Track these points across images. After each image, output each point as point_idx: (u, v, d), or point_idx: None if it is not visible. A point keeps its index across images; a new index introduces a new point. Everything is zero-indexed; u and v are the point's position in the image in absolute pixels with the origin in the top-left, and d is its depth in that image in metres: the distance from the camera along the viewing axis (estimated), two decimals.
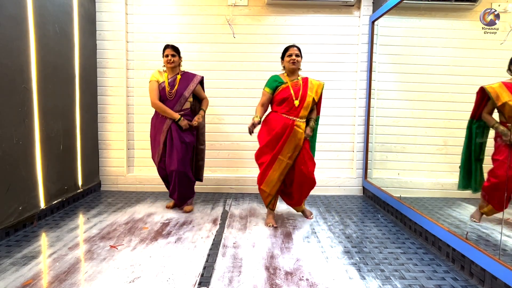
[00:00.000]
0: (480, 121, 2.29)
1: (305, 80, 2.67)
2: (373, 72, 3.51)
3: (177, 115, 2.82)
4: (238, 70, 3.71)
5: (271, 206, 2.72)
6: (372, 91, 3.51)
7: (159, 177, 3.06)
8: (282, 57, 2.68)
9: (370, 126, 3.54)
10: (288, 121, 2.58)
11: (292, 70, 2.63)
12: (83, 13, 3.34)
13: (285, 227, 2.65)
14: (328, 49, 3.69)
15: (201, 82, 3.03)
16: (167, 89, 2.85)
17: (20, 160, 2.46)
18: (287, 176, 2.65)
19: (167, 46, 2.86)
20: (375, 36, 3.47)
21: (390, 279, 1.84)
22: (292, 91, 2.59)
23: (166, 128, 2.85)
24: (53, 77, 2.85)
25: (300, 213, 2.95)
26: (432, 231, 2.26)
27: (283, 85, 2.63)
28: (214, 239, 2.37)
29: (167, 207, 3.08)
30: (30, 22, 2.55)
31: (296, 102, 2.57)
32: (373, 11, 3.56)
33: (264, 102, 2.68)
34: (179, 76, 2.89)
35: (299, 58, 2.61)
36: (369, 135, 3.56)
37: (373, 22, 3.47)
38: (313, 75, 2.90)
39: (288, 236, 2.46)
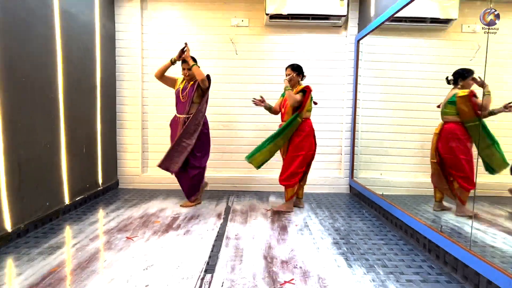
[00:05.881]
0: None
1: (296, 90, 2.84)
2: (358, 85, 3.52)
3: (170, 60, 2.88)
4: (240, 82, 3.72)
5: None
6: (357, 101, 3.51)
7: (171, 176, 3.06)
8: None
9: (356, 132, 3.54)
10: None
11: (290, 85, 2.86)
12: (104, 33, 3.35)
13: (281, 221, 2.64)
14: (319, 64, 3.70)
15: (208, 79, 2.89)
16: (181, 92, 2.93)
17: (48, 162, 2.47)
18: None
19: (184, 61, 2.87)
20: (360, 53, 3.49)
21: (374, 267, 1.84)
22: (282, 102, 2.95)
23: (181, 126, 2.88)
24: (77, 89, 2.86)
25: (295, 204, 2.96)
26: (411, 224, 2.25)
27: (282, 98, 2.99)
28: (218, 232, 2.37)
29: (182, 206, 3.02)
30: (58, 40, 2.56)
31: (282, 109, 2.93)
32: (358, 31, 3.58)
33: (276, 104, 3.05)
34: (191, 82, 2.93)
35: (289, 77, 2.83)
36: (355, 139, 3.56)
37: (358, 41, 3.49)
38: None
39: (284, 229, 2.46)
